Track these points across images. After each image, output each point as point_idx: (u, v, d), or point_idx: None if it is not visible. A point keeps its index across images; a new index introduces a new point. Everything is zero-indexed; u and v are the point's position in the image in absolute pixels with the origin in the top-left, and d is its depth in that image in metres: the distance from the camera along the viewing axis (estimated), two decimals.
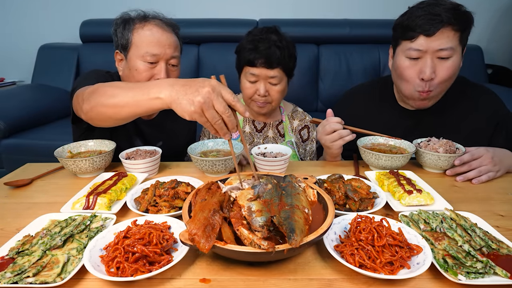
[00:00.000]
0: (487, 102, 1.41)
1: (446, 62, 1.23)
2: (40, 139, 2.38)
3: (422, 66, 1.24)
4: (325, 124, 1.27)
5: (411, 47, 1.23)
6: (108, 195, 0.95)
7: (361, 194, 0.93)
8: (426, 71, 1.22)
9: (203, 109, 0.79)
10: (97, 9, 3.22)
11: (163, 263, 0.69)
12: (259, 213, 0.69)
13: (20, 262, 0.69)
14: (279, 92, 1.46)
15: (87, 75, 1.32)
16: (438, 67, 1.23)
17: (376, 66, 2.95)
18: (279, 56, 1.38)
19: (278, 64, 1.39)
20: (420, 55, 1.23)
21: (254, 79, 1.43)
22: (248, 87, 1.46)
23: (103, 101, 0.97)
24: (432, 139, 1.27)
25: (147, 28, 1.30)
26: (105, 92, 0.99)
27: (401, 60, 1.28)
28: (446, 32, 1.19)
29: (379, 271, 0.66)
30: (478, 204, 1.01)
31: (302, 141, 1.64)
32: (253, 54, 1.39)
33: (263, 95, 1.44)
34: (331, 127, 1.24)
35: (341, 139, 1.24)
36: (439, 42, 1.19)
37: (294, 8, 3.22)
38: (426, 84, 1.25)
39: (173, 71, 1.37)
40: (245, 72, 1.45)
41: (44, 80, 3.02)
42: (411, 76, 1.27)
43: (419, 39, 1.21)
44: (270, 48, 1.37)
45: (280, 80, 1.44)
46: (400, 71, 1.30)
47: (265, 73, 1.40)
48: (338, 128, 1.24)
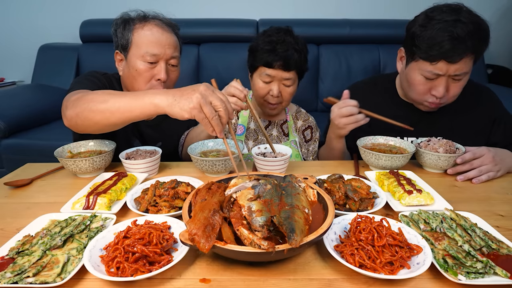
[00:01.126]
0: (486, 99, 1.44)
1: (459, 82, 1.26)
2: (40, 139, 2.38)
3: (436, 85, 1.25)
4: (342, 106, 1.25)
5: (430, 70, 1.23)
6: (108, 195, 0.95)
7: (361, 194, 0.93)
8: (440, 91, 1.24)
9: (201, 105, 0.85)
10: (97, 9, 3.22)
11: (163, 263, 0.69)
12: (259, 213, 0.69)
13: (20, 262, 0.69)
14: (291, 94, 1.49)
15: (80, 79, 1.33)
16: (451, 86, 1.26)
17: (376, 66, 2.95)
18: (297, 59, 1.41)
19: (294, 67, 1.42)
20: (437, 77, 1.24)
21: (269, 80, 1.45)
22: (261, 87, 1.47)
23: (92, 107, 0.99)
24: (432, 139, 1.28)
25: (147, 28, 1.30)
26: (93, 98, 1.00)
27: (416, 76, 1.29)
28: (467, 58, 1.19)
29: (379, 271, 0.66)
30: (478, 204, 1.01)
31: (305, 141, 1.65)
32: (271, 56, 1.39)
33: (276, 96, 1.45)
34: (348, 110, 1.24)
35: (356, 123, 1.25)
36: (458, 67, 1.20)
37: (294, 8, 3.22)
38: (437, 99, 1.28)
39: (173, 71, 1.37)
40: (260, 73, 1.45)
41: (44, 80, 3.02)
42: (424, 91, 1.30)
43: (440, 63, 1.20)
44: (288, 51, 1.39)
45: (293, 82, 1.46)
46: (414, 86, 1.32)
47: (280, 74, 1.42)
48: (354, 112, 1.23)
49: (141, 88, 1.34)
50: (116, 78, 1.46)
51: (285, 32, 1.43)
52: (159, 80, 1.32)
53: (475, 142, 1.28)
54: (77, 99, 1.04)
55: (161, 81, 1.32)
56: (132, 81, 1.34)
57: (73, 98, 1.06)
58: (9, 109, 2.46)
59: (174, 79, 1.41)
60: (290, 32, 1.45)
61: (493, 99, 1.46)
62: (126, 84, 1.41)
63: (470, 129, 1.41)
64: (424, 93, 1.30)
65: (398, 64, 1.42)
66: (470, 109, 1.42)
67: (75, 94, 1.08)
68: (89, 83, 1.28)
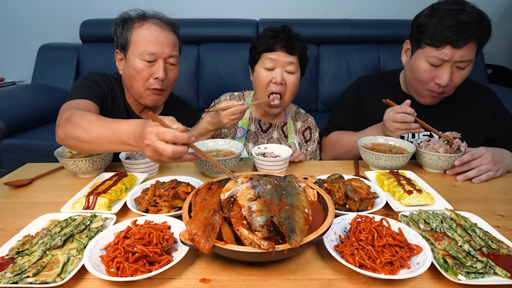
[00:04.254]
0: (485, 98, 1.47)
1: (463, 71, 1.27)
2: (40, 139, 2.38)
3: (441, 73, 1.27)
4: (398, 111, 1.23)
5: (436, 55, 1.25)
6: (108, 195, 0.95)
7: (361, 194, 0.93)
8: (444, 78, 1.26)
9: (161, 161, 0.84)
10: (97, 9, 3.21)
11: (163, 263, 0.69)
12: (259, 213, 0.69)
13: (20, 262, 0.69)
14: (294, 83, 1.45)
15: (79, 84, 1.34)
16: (455, 75, 1.27)
17: (376, 66, 2.94)
18: (298, 45, 1.42)
19: (297, 51, 1.42)
20: (442, 63, 1.26)
21: (272, 66, 1.42)
22: (264, 75, 1.43)
23: (78, 135, 1.01)
24: (432, 139, 1.28)
25: (146, 27, 1.31)
26: (79, 124, 1.02)
27: (421, 63, 1.31)
28: (472, 45, 1.22)
29: (379, 271, 0.66)
30: (478, 204, 1.01)
31: (305, 141, 1.65)
32: (273, 40, 1.40)
33: (279, 83, 1.41)
34: (402, 117, 1.22)
35: (407, 130, 1.24)
36: (463, 53, 1.22)
37: (294, 8, 3.22)
38: (440, 88, 1.30)
39: (172, 70, 1.38)
40: (263, 59, 1.44)
41: (44, 80, 3.01)
42: (428, 79, 1.31)
43: (446, 48, 1.22)
44: (290, 37, 1.41)
45: (296, 69, 1.44)
46: (418, 74, 1.33)
47: (283, 58, 1.40)
48: (408, 120, 1.22)
49: (139, 87, 1.35)
50: (115, 78, 1.47)
51: (285, 27, 1.46)
52: (157, 78, 1.32)
53: (475, 138, 1.31)
54: (66, 121, 1.06)
55: (159, 79, 1.33)
56: (131, 80, 1.35)
57: (65, 116, 1.08)
58: (9, 109, 2.45)
59: (173, 78, 1.41)
60: (289, 27, 1.47)
61: (492, 97, 1.49)
62: (125, 83, 1.42)
63: (470, 125, 1.42)
64: (427, 81, 1.32)
65: (403, 57, 1.43)
66: (470, 105, 1.45)
67: (67, 111, 1.10)
68: (87, 90, 1.30)
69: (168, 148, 0.78)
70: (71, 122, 1.03)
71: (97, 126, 0.97)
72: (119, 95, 1.46)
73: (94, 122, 0.99)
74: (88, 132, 0.98)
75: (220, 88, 2.80)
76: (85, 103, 1.23)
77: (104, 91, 1.38)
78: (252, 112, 1.62)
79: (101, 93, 1.35)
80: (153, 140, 0.79)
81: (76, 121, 1.02)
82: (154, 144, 0.79)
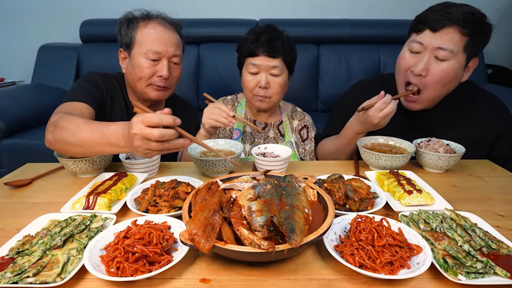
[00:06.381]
0: (493, 111, 1.40)
1: (441, 64, 1.22)
2: (40, 139, 2.36)
3: (417, 60, 1.26)
4: (383, 107, 1.20)
5: (414, 39, 1.25)
6: (108, 195, 0.95)
7: (361, 194, 0.93)
8: (418, 66, 1.24)
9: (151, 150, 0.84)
10: (97, 9, 3.21)
11: (163, 263, 0.69)
12: (259, 213, 0.69)
13: (20, 262, 0.69)
14: (280, 85, 1.44)
15: (77, 87, 1.34)
16: (433, 66, 1.23)
17: (376, 66, 2.95)
18: (280, 46, 1.40)
19: (279, 53, 1.40)
20: (421, 50, 1.24)
21: (256, 70, 1.42)
22: (249, 79, 1.44)
23: (67, 139, 1.01)
24: (432, 139, 1.28)
25: (150, 27, 1.33)
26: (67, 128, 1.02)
27: (403, 50, 1.32)
28: (452, 32, 1.19)
29: (379, 271, 0.66)
30: (478, 204, 1.01)
31: (302, 140, 1.64)
32: (254, 44, 1.39)
33: (263, 87, 1.42)
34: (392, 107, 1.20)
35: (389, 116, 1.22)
36: (441, 40, 1.19)
37: (294, 8, 3.22)
38: (415, 78, 1.27)
39: (175, 69, 1.40)
40: (247, 64, 1.44)
41: (44, 80, 3.01)
42: (405, 67, 1.30)
43: (425, 32, 1.23)
44: (272, 39, 1.39)
45: (281, 71, 1.43)
46: (398, 61, 1.34)
47: (266, 62, 1.40)
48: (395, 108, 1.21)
49: (142, 85, 1.36)
50: (116, 77, 1.48)
51: (267, 27, 1.44)
52: (161, 77, 1.34)
53: (475, 152, 1.27)
54: (54, 125, 1.06)
55: (162, 77, 1.35)
56: (134, 78, 1.37)
57: (53, 120, 1.09)
58: (9, 109, 2.45)
59: (177, 77, 1.43)
60: (273, 26, 1.45)
61: (503, 112, 1.40)
62: (129, 81, 1.44)
63: (472, 139, 1.34)
64: (404, 68, 1.30)
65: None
66: (475, 118, 1.38)
67: (56, 115, 1.10)
68: (83, 92, 1.30)
69: (154, 131, 0.80)
70: (58, 126, 1.04)
71: (85, 129, 0.98)
72: (121, 94, 1.47)
73: (82, 126, 0.99)
74: (76, 136, 0.99)
75: (220, 88, 2.81)
76: (79, 105, 1.24)
77: (103, 91, 1.39)
78: (247, 113, 1.62)
79: (99, 94, 1.36)
80: (140, 127, 0.81)
81: (64, 125, 1.03)
82: (141, 131, 0.80)
